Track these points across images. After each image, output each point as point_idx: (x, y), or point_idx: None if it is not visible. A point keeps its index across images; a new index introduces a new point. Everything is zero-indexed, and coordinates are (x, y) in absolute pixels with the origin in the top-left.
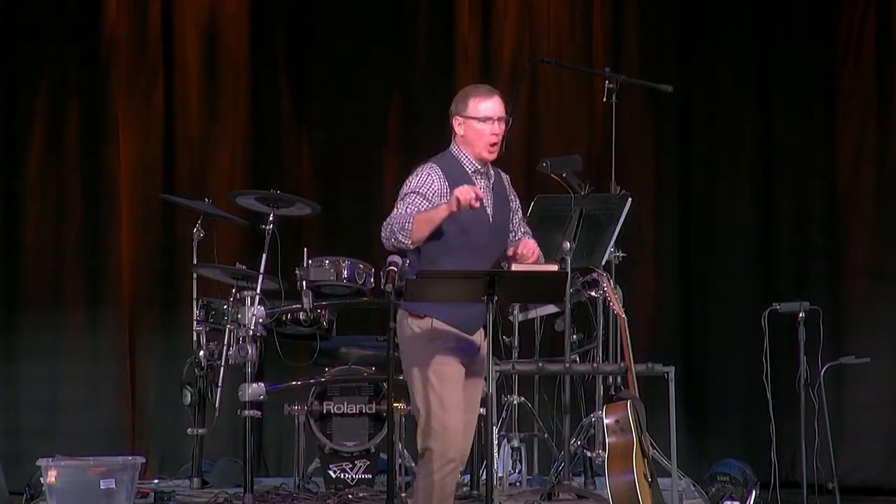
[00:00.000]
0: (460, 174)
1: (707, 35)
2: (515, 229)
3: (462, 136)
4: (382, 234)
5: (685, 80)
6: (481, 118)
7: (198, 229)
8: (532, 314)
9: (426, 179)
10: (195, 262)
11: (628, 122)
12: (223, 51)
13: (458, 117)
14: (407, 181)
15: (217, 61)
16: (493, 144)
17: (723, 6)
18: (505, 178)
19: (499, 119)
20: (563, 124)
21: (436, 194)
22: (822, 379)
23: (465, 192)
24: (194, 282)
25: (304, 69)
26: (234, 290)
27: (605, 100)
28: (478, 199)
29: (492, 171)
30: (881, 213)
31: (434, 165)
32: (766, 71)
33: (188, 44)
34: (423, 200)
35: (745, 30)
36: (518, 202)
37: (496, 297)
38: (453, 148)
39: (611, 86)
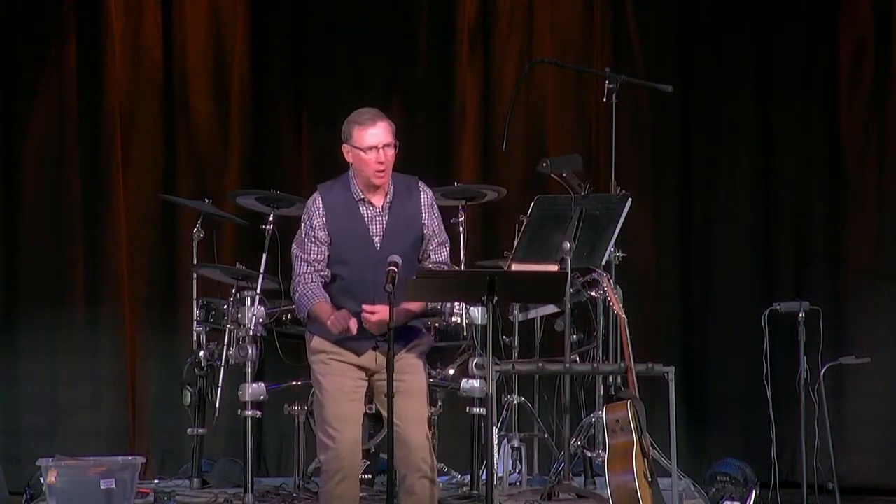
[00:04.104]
0: (345, 203)
1: (707, 35)
2: (427, 255)
3: (352, 163)
4: (292, 291)
5: (685, 80)
6: (365, 147)
7: (198, 229)
8: (532, 314)
9: (307, 224)
10: (195, 262)
11: (628, 122)
12: (223, 50)
13: (345, 145)
14: (302, 216)
15: (217, 60)
16: (379, 171)
17: (723, 6)
18: (423, 198)
19: (384, 146)
20: (563, 124)
21: (317, 237)
22: (821, 379)
23: (336, 325)
24: (194, 282)
25: (304, 69)
26: (234, 290)
27: (605, 100)
28: (347, 326)
29: (391, 196)
30: (881, 213)
31: (318, 198)
32: (766, 71)
33: (188, 43)
34: (308, 266)
35: (745, 30)
36: (438, 226)
37: (496, 297)
38: (349, 173)
39: (611, 86)
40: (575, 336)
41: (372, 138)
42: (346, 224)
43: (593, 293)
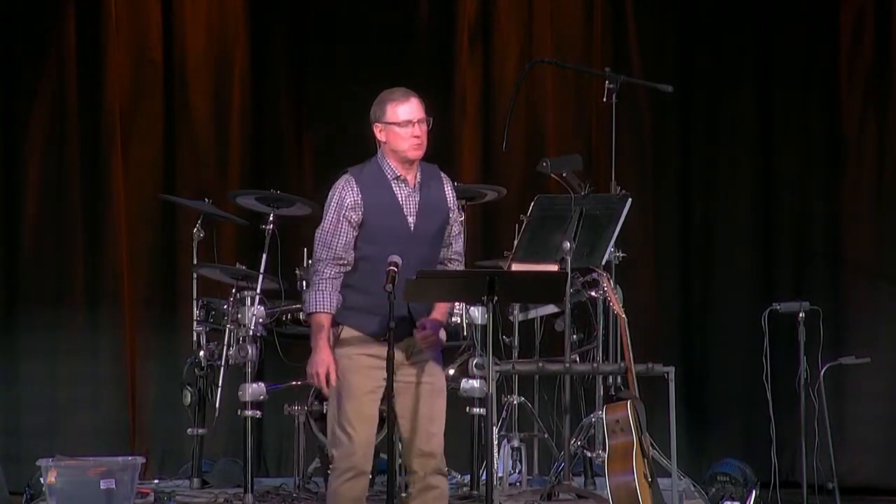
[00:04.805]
0: (379, 182)
1: (707, 35)
2: (448, 242)
3: (385, 143)
4: (311, 276)
5: (685, 80)
6: (401, 122)
7: (198, 229)
8: (532, 314)
9: (338, 204)
10: (195, 262)
11: (628, 121)
12: (223, 50)
13: (377, 125)
14: (327, 199)
15: (217, 60)
16: (415, 144)
17: (723, 6)
18: (446, 185)
19: (419, 121)
20: (563, 124)
21: (347, 217)
22: (821, 379)
23: (315, 376)
24: (194, 282)
25: (304, 69)
26: (234, 290)
27: (605, 100)
28: (325, 375)
29: (419, 177)
30: (881, 213)
31: (350, 178)
32: (766, 70)
33: (188, 43)
34: (328, 252)
35: (745, 30)
36: (458, 213)
37: (496, 297)
38: (378, 155)
39: (611, 86)
40: (575, 336)
41: (407, 113)
42: (381, 202)
43: (593, 293)
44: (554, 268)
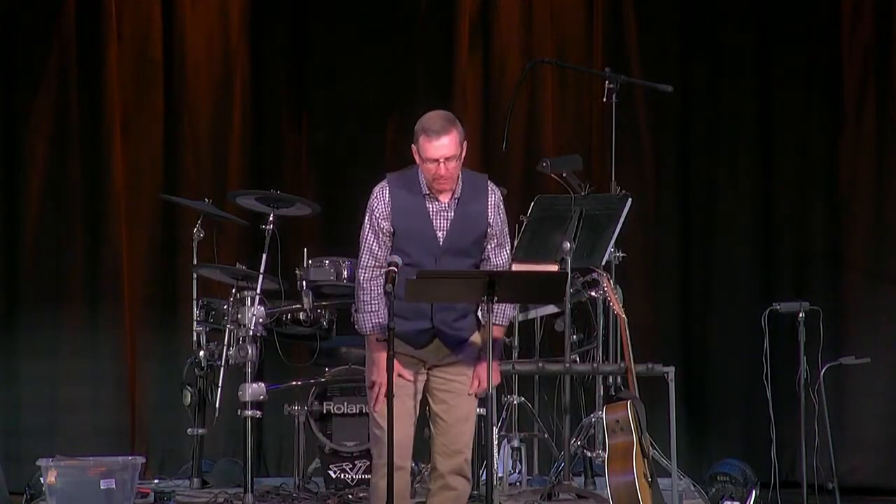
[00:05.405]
0: (412, 195)
1: (707, 35)
2: (486, 256)
3: (418, 163)
4: (356, 283)
5: (685, 80)
6: (426, 159)
7: (198, 229)
8: (532, 314)
9: (371, 213)
10: (195, 262)
11: (628, 121)
12: (223, 50)
13: (413, 146)
14: (368, 203)
15: (217, 60)
16: (439, 184)
17: (723, 6)
18: (491, 199)
19: (445, 159)
20: (563, 124)
21: (380, 227)
22: (822, 379)
23: (371, 385)
24: (194, 282)
25: (304, 68)
26: (234, 290)
27: (605, 100)
28: (378, 394)
29: (460, 192)
30: (881, 213)
31: (384, 185)
32: (766, 71)
33: (189, 44)
34: (372, 259)
35: (745, 30)
36: (501, 227)
37: (496, 298)
38: (418, 168)
39: (611, 86)
40: (575, 336)
41: (434, 151)
42: (411, 217)
43: (593, 293)
44: (554, 268)
